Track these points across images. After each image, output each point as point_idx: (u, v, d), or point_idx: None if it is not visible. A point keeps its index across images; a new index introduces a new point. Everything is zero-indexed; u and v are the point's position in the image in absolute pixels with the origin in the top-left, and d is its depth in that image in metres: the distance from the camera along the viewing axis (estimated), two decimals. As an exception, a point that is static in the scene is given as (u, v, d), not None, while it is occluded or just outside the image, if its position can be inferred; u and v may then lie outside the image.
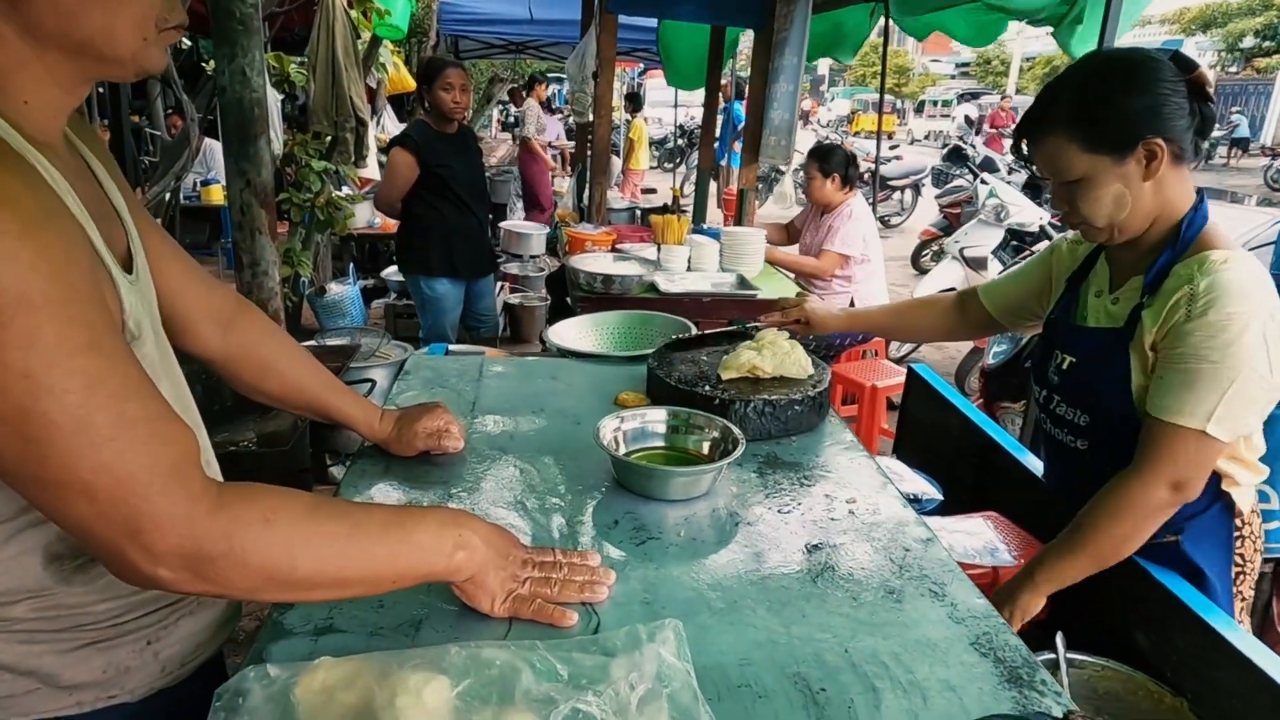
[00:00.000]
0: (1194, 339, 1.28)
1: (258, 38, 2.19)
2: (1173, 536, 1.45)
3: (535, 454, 1.42)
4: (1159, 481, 1.31)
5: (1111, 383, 1.42)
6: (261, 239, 2.34)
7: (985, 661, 0.94)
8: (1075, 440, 1.52)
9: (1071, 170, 1.35)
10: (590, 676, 0.85)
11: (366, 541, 0.86)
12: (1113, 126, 1.31)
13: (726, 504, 1.28)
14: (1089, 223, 1.40)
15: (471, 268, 3.94)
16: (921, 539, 1.20)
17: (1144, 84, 1.31)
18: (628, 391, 1.66)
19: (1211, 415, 1.27)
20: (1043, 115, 1.38)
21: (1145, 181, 1.34)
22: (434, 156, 3.63)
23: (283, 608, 0.98)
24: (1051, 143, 1.36)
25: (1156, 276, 1.37)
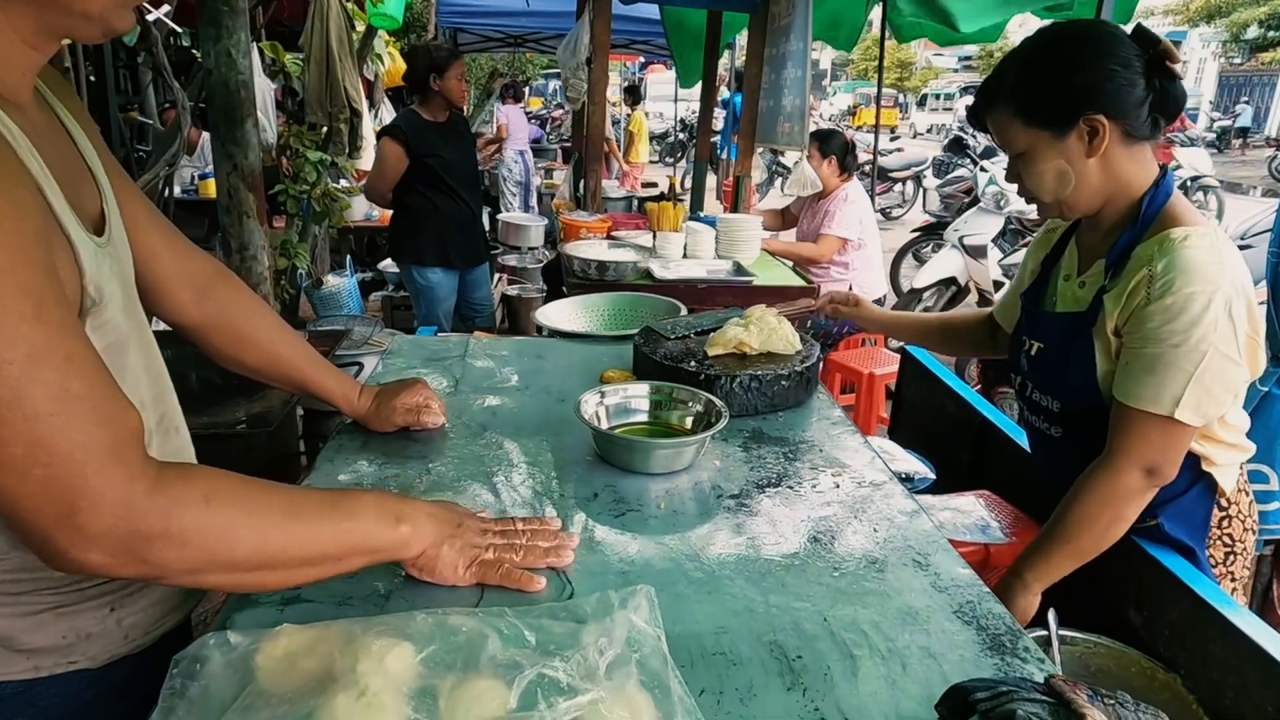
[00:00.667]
0: (1154, 322, 1.25)
1: (243, 19, 2.17)
2: (1152, 520, 1.42)
3: (517, 430, 1.39)
4: (1130, 469, 1.28)
5: (1077, 369, 1.39)
6: (249, 223, 2.33)
7: (967, 629, 0.92)
8: (1050, 427, 1.50)
9: (1015, 143, 1.35)
10: (559, 643, 0.83)
11: (309, 519, 0.84)
12: (1050, 101, 1.30)
13: (710, 477, 1.26)
14: (1037, 197, 1.39)
15: (465, 257, 3.92)
16: (907, 511, 1.18)
17: (1088, 58, 1.28)
18: (614, 369, 1.64)
19: (1179, 401, 1.24)
20: (994, 86, 1.37)
21: (1089, 158, 1.31)
22: (424, 146, 3.60)
23: (250, 578, 0.96)
24: (997, 114, 1.36)
25: (1118, 258, 1.34)
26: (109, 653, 0.93)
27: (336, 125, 4.92)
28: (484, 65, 14.49)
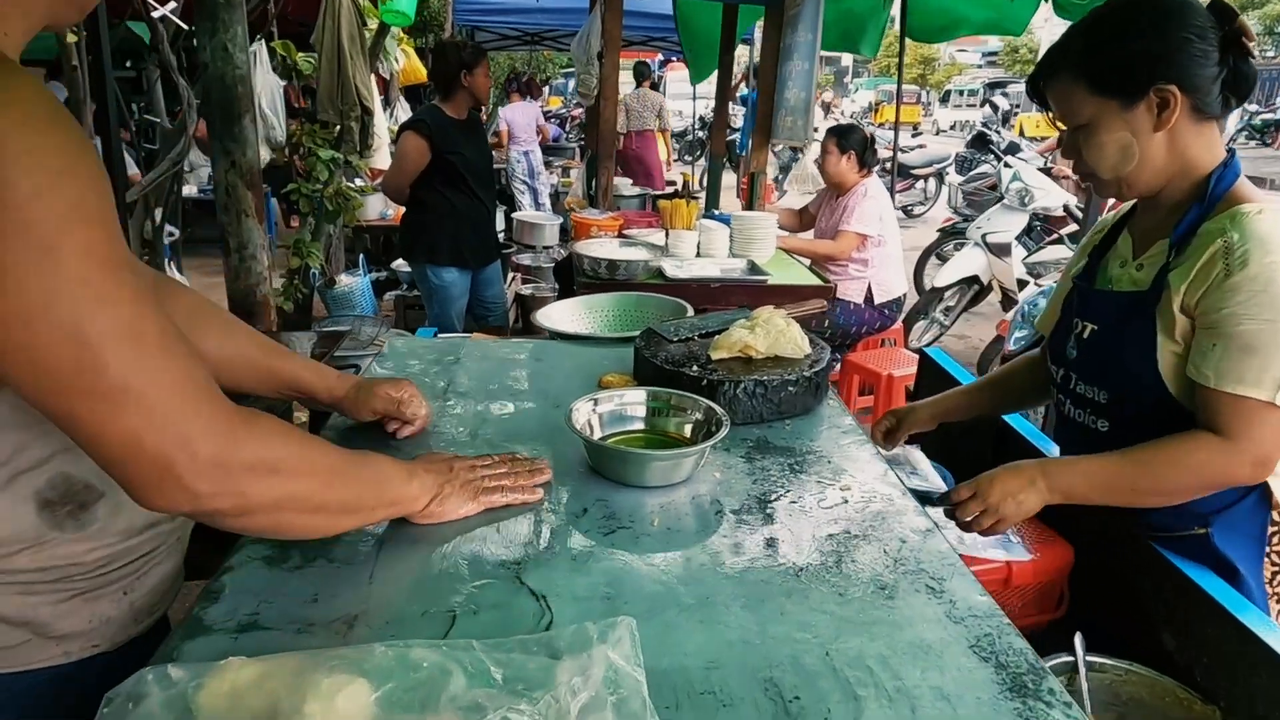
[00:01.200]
0: (1242, 295, 1.16)
1: (240, 12, 2.11)
2: (1201, 529, 1.32)
3: (508, 438, 1.32)
4: (1246, 459, 1.19)
5: (1134, 351, 1.29)
6: (248, 221, 2.27)
7: (985, 667, 0.83)
8: (1097, 421, 1.40)
9: (1078, 114, 1.27)
10: (530, 681, 0.75)
11: (355, 469, 0.93)
12: (1121, 68, 1.22)
13: (709, 491, 1.18)
14: (1095, 173, 1.30)
15: (479, 255, 3.87)
16: (921, 529, 1.09)
17: (1164, 27, 1.20)
18: (613, 374, 1.56)
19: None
20: (1058, 54, 1.29)
21: (1156, 132, 1.23)
22: (446, 142, 3.56)
23: (206, 602, 0.90)
24: (1061, 83, 1.28)
25: (1184, 235, 1.26)
26: (124, 635, 0.95)
27: (348, 124, 4.88)
28: (502, 64, 14.47)
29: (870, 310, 4.13)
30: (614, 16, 3.42)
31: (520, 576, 0.96)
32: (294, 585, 0.94)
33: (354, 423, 1.31)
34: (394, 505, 0.99)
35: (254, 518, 0.82)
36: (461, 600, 0.91)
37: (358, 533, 1.03)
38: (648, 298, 2.04)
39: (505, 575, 0.96)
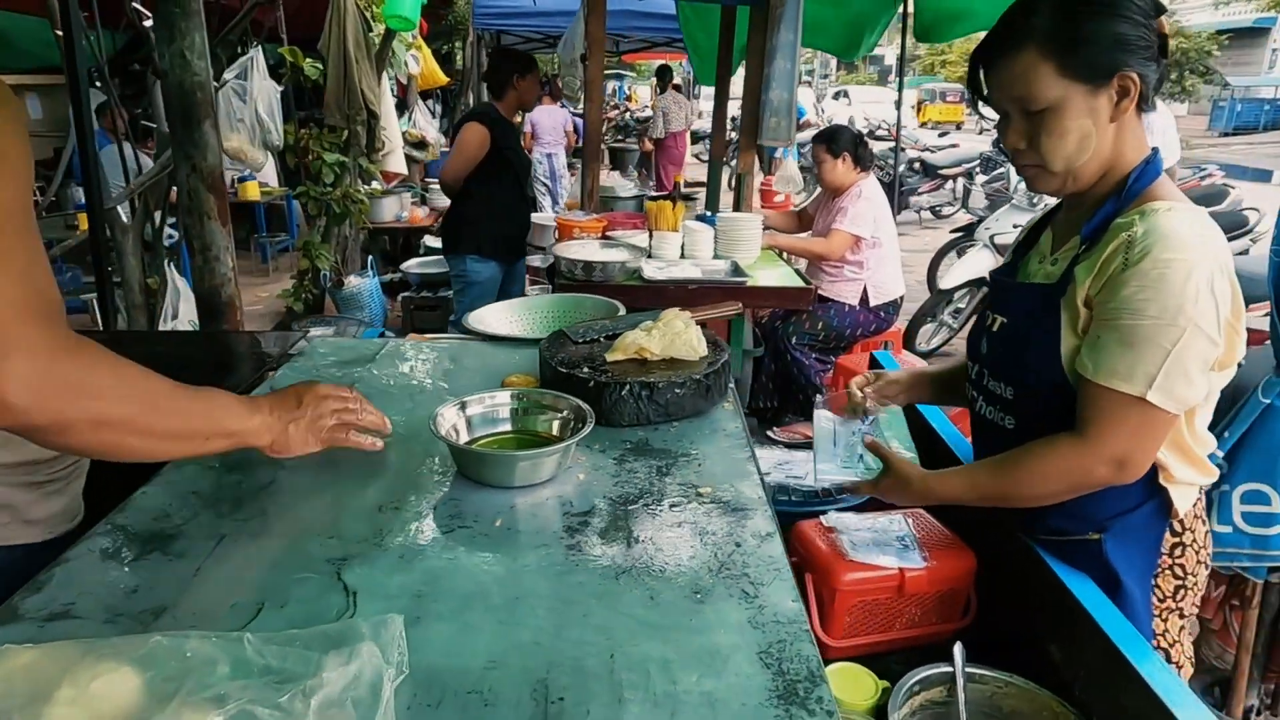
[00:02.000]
0: (1130, 288, 1.12)
1: (197, 19, 2.17)
2: (1095, 534, 1.29)
3: (389, 441, 1.34)
4: (1101, 456, 1.16)
5: (1040, 345, 1.26)
6: (211, 224, 2.33)
7: (764, 674, 0.82)
8: (1004, 418, 1.37)
9: (1041, 96, 1.17)
10: (289, 674, 0.77)
11: (186, 399, 0.97)
12: (1095, 50, 1.15)
13: (566, 492, 1.18)
14: (1045, 164, 1.22)
15: (515, 251, 4.01)
16: (761, 533, 1.08)
17: (1128, 10, 1.15)
18: (518, 374, 1.57)
19: (1153, 381, 1.11)
20: (1013, 32, 1.19)
21: (1111, 122, 1.19)
22: (504, 137, 3.71)
23: (28, 592, 0.93)
24: (1022, 62, 1.17)
25: (1095, 229, 1.22)
26: (62, 528, 1.14)
27: (354, 128, 4.99)
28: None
29: (866, 312, 4.07)
30: (597, 20, 3.43)
31: (340, 572, 0.98)
32: (119, 577, 0.97)
33: None
34: (231, 437, 1.03)
35: (75, 436, 0.85)
36: (274, 594, 0.93)
37: (203, 528, 1.07)
38: (584, 299, 2.05)
39: (326, 571, 0.98)
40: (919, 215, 10.16)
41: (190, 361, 2.10)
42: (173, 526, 1.07)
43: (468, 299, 3.96)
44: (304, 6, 4.89)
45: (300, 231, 6.92)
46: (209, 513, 1.11)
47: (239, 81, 3.99)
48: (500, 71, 3.77)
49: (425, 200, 6.89)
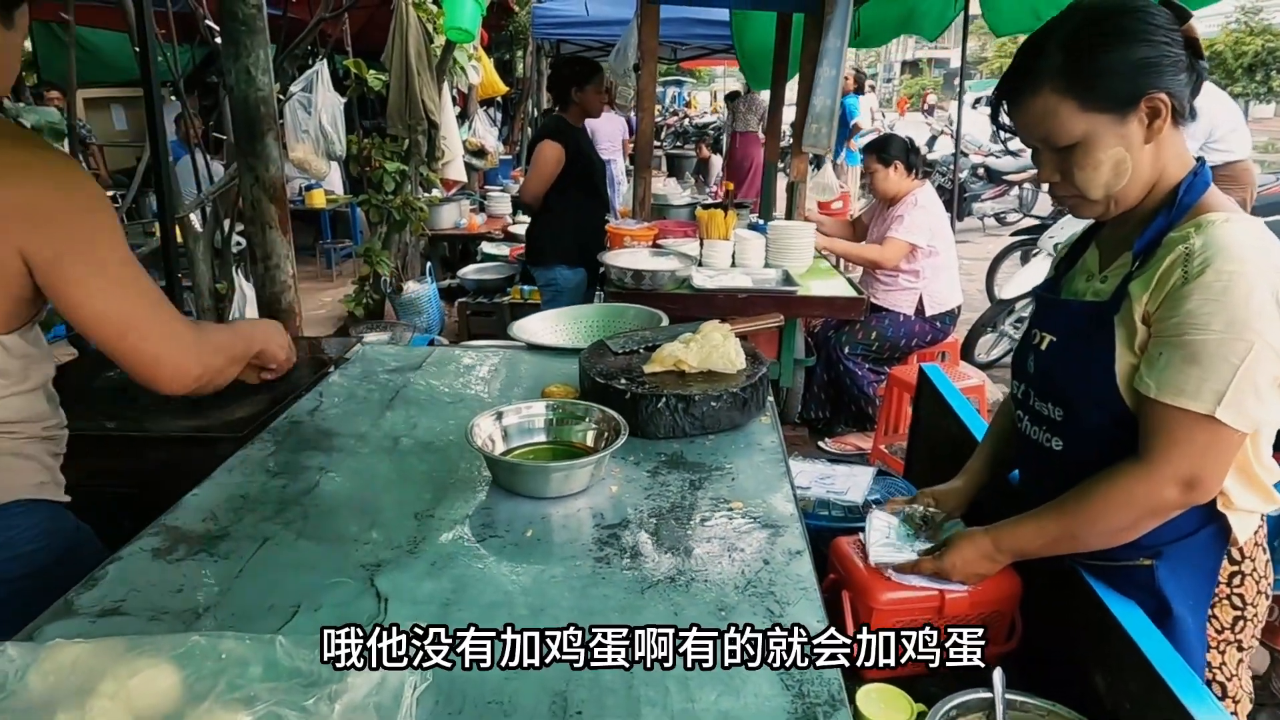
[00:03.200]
0: (1192, 303, 1.08)
1: (261, 37, 2.26)
2: (1148, 560, 1.24)
3: (429, 446, 1.37)
4: (1168, 478, 1.11)
5: (1092, 364, 1.22)
6: (272, 233, 2.42)
7: (784, 695, 0.82)
8: (1051, 439, 1.33)
9: (1066, 133, 1.15)
10: (321, 677, 0.79)
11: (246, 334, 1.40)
12: (1114, 80, 1.12)
13: (599, 504, 1.19)
14: (1083, 195, 1.19)
15: (594, 258, 4.03)
16: (791, 551, 1.07)
17: (1143, 32, 1.12)
18: (557, 384, 1.59)
19: (1222, 397, 1.06)
20: (1028, 72, 1.18)
21: (1147, 144, 1.15)
22: (577, 149, 3.76)
23: (83, 588, 0.98)
24: (1041, 103, 1.15)
25: (1148, 244, 1.17)
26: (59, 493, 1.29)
27: (416, 137, 5.10)
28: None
29: (921, 322, 3.99)
30: (650, 30, 3.45)
31: (373, 578, 1.00)
32: (168, 576, 1.01)
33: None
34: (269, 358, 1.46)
35: (214, 385, 1.24)
36: (310, 597, 0.96)
37: (247, 530, 1.11)
38: (626, 308, 2.06)
39: (360, 576, 1.01)
40: (982, 222, 9.91)
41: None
42: (220, 528, 1.12)
43: (558, 306, 4.02)
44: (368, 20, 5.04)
45: (363, 238, 7.11)
46: (254, 515, 1.15)
47: (305, 94, 4.13)
48: (562, 81, 3.82)
49: (484, 208, 7.01)
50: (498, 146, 7.97)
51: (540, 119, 8.98)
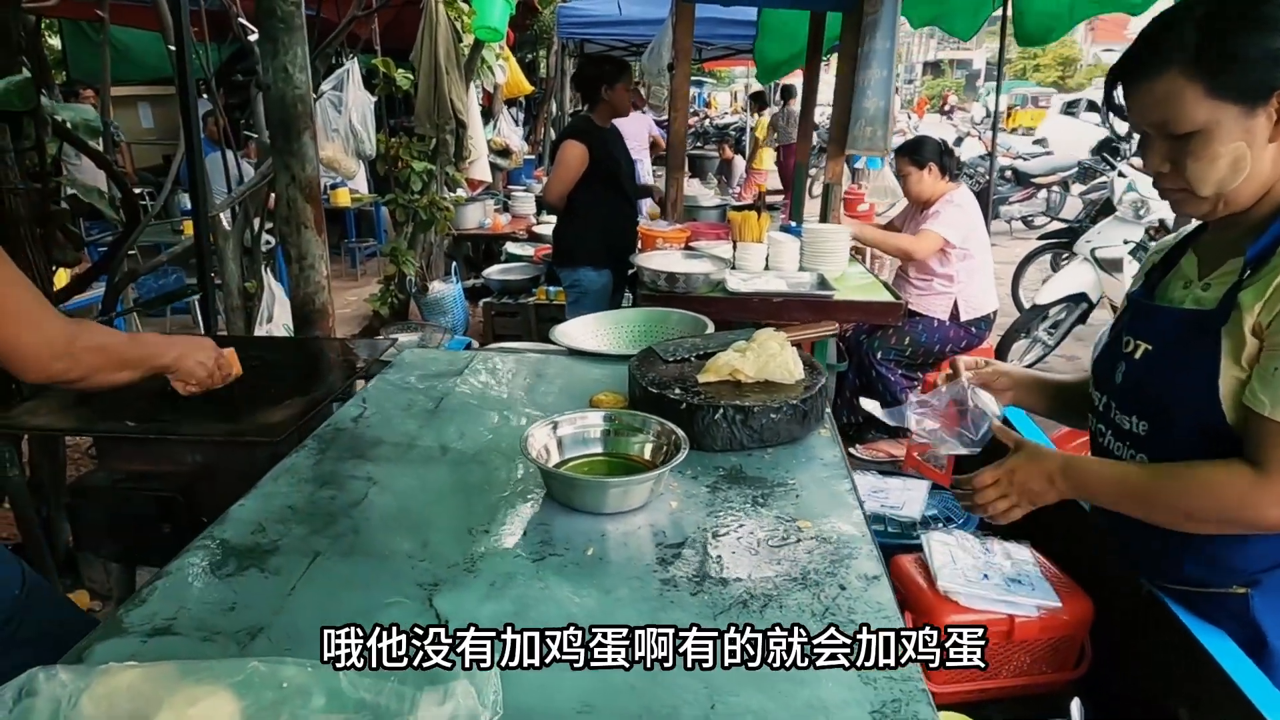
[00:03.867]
0: None
1: (299, 34, 2.23)
2: (1241, 588, 1.17)
3: (478, 456, 1.33)
4: (1276, 496, 1.04)
5: (1191, 375, 1.15)
6: (307, 233, 2.39)
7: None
8: (1135, 455, 1.25)
9: (1187, 119, 1.07)
10: (384, 710, 0.75)
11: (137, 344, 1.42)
12: (1248, 68, 1.05)
13: (659, 521, 1.14)
14: (1192, 189, 1.12)
15: (622, 260, 3.98)
16: (868, 576, 1.01)
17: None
18: (606, 392, 1.54)
19: None
20: (1156, 49, 1.10)
21: (1271, 142, 1.07)
22: (602, 149, 3.71)
23: (132, 604, 0.94)
24: (1166, 84, 1.08)
25: (1262, 252, 1.10)
26: None
27: (444, 136, 5.08)
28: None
29: (956, 328, 3.92)
30: (685, 29, 3.40)
31: (431, 598, 0.96)
32: (219, 593, 0.97)
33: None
34: (160, 367, 1.44)
35: (90, 380, 1.29)
36: (365, 618, 0.92)
37: (297, 544, 1.07)
38: (669, 313, 2.01)
39: (417, 595, 0.96)
40: (1009, 225, 9.79)
41: (286, 366, 2.15)
42: (269, 542, 1.08)
43: (582, 308, 3.99)
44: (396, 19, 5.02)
45: (388, 237, 7.11)
46: (303, 528, 1.11)
47: (335, 93, 4.11)
48: (590, 81, 3.78)
49: (508, 207, 6.98)
50: (522, 146, 7.94)
51: (570, 118, 8.95)
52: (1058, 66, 33.94)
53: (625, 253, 3.99)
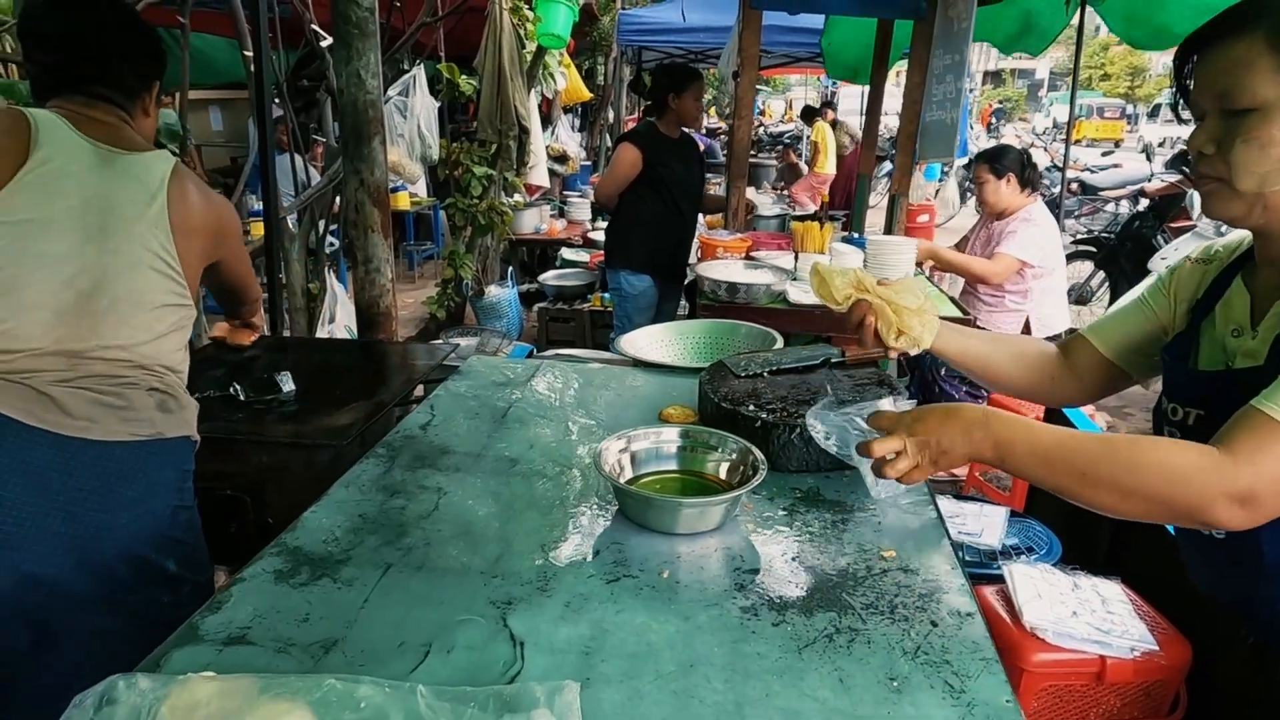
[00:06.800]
0: None
1: (373, 40, 2.25)
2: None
3: (546, 468, 1.30)
4: (1232, 481, 0.91)
5: None
6: (374, 236, 2.41)
7: (984, 792, 0.71)
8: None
9: (1249, 92, 0.96)
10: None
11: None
12: None
13: (735, 545, 1.10)
14: (1232, 179, 0.99)
15: (668, 269, 3.97)
16: (961, 612, 0.96)
17: None
18: (676, 406, 1.50)
19: None
20: (1234, 18, 0.99)
21: None
22: (657, 156, 3.71)
23: (208, 611, 0.94)
24: (1242, 49, 0.96)
25: None
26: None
27: (506, 142, 5.11)
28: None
29: (1025, 346, 3.79)
30: (751, 36, 3.36)
31: (505, 617, 0.93)
32: (293, 603, 0.96)
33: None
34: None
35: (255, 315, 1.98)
36: (440, 635, 0.90)
37: (368, 554, 1.06)
38: (737, 325, 1.97)
39: (492, 615, 0.94)
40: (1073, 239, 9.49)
41: (349, 369, 2.17)
42: (340, 551, 1.06)
43: (623, 311, 4.02)
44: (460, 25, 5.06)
45: (445, 240, 7.19)
46: (374, 538, 1.10)
47: (401, 98, 4.16)
48: (658, 89, 3.77)
49: (564, 213, 7.01)
50: (579, 152, 7.97)
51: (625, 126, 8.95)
52: (1127, 75, 32.94)
53: (671, 263, 3.97)
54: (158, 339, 1.40)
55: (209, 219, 1.51)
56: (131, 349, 1.36)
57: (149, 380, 1.38)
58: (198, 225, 1.47)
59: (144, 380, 1.37)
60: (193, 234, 1.46)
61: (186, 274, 1.45)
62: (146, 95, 1.49)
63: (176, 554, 1.37)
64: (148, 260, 1.38)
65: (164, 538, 1.35)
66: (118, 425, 1.30)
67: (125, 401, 1.33)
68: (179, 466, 1.40)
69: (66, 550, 1.23)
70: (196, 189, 1.49)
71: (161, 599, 1.33)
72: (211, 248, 1.53)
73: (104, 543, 1.27)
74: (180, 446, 1.41)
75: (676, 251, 3.97)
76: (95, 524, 1.25)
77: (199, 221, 1.48)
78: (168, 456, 1.37)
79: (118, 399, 1.32)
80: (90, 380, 1.31)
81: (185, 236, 1.44)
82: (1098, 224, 9.33)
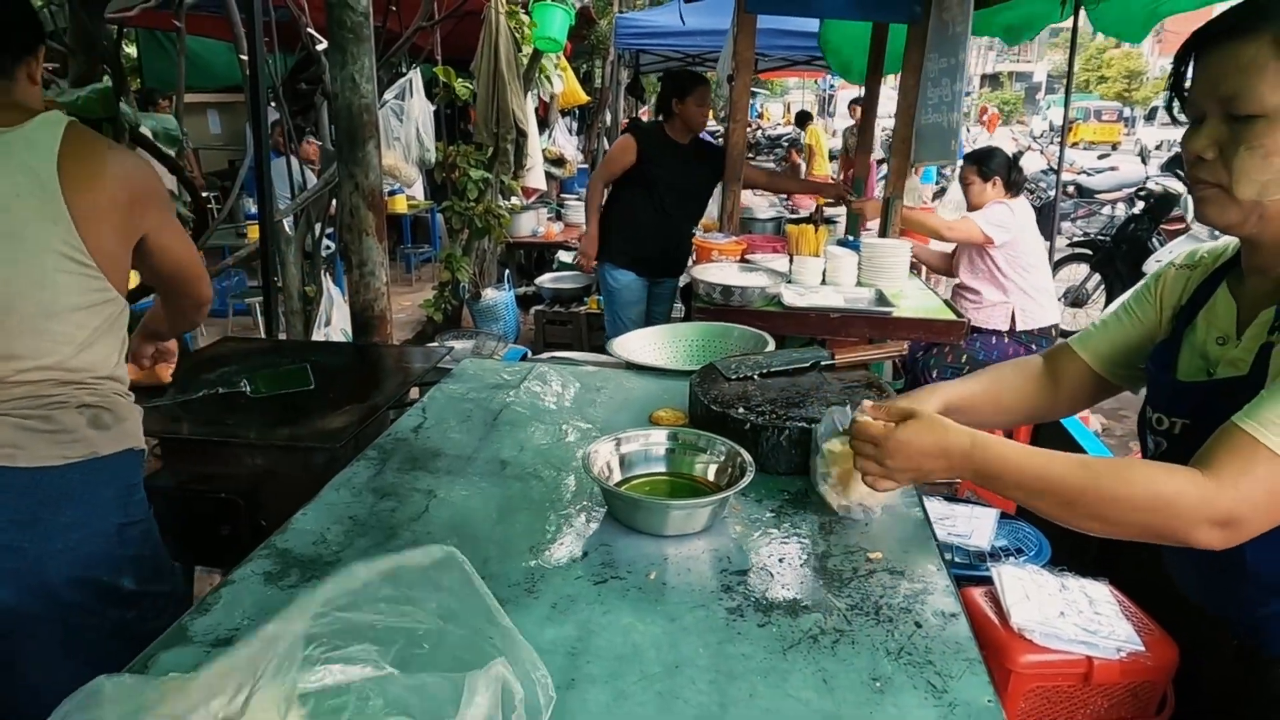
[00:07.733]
0: None
1: (367, 45, 2.26)
2: None
3: (537, 470, 1.31)
4: (1214, 504, 0.91)
5: None
6: (368, 240, 2.42)
7: (963, 791, 0.72)
8: None
9: (1257, 98, 0.93)
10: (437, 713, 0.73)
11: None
12: None
13: (723, 546, 1.11)
14: (1231, 186, 0.97)
15: (654, 268, 3.99)
16: (945, 613, 0.97)
17: None
18: (666, 409, 1.51)
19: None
20: (1252, 13, 0.96)
21: None
22: (652, 154, 3.73)
23: (197, 613, 0.94)
24: (1250, 52, 0.94)
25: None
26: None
27: (503, 145, 5.12)
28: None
29: (1015, 343, 3.80)
30: (746, 40, 3.37)
31: (492, 620, 0.94)
32: (281, 604, 0.96)
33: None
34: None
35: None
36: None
37: (358, 556, 1.06)
38: (730, 328, 1.98)
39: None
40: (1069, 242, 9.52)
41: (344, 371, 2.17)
42: (330, 553, 1.07)
43: (611, 307, 4.06)
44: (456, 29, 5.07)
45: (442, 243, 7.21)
46: (364, 540, 1.10)
47: (398, 102, 4.18)
48: (663, 94, 3.80)
49: (561, 216, 7.02)
50: (576, 155, 7.98)
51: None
52: (1123, 79, 33.00)
53: (657, 264, 3.99)
54: (84, 348, 1.27)
55: (116, 189, 1.28)
56: (54, 366, 1.24)
57: (80, 395, 1.28)
58: (104, 202, 1.26)
59: (74, 397, 1.27)
60: (100, 214, 1.26)
61: (104, 264, 1.27)
62: (31, 61, 1.30)
63: (132, 571, 1.32)
64: (52, 263, 1.22)
65: (114, 557, 1.29)
66: (46, 449, 1.23)
67: (54, 424, 1.24)
68: (121, 482, 1.32)
69: (6, 583, 1.19)
70: (95, 156, 1.27)
71: (125, 616, 1.30)
72: (128, 221, 1.31)
73: (46, 572, 1.22)
74: (121, 462, 1.33)
75: (664, 252, 3.97)
76: (32, 554, 1.20)
77: (106, 196, 1.26)
78: (105, 474, 1.29)
79: (44, 422, 1.23)
80: (11, 404, 1.22)
81: (92, 220, 1.25)
82: (1094, 227, 9.35)
